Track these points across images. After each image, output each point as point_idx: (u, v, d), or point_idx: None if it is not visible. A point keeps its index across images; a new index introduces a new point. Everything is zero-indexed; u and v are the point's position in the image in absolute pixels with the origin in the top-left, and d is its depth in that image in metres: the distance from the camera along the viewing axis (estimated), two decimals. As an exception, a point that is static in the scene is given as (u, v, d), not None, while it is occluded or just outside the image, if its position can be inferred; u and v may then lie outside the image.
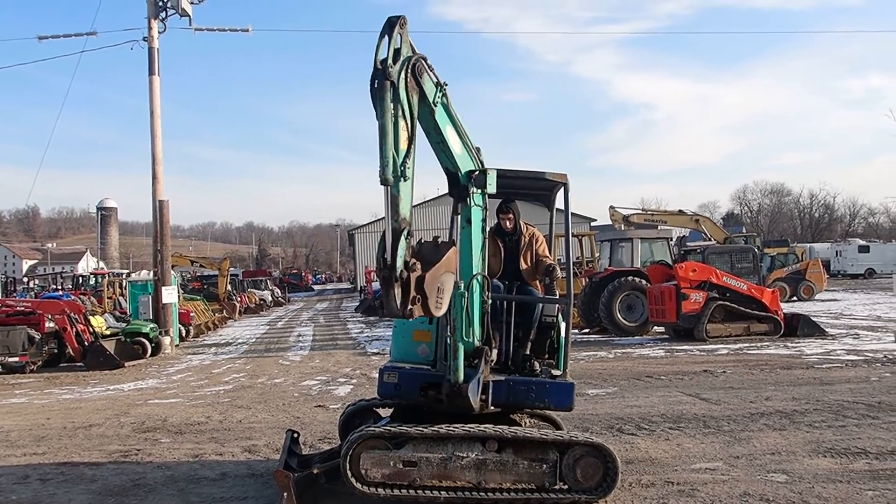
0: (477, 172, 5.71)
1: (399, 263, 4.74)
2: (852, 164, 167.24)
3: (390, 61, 4.80)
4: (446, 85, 5.34)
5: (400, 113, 4.82)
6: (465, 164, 5.70)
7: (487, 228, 5.99)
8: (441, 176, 5.83)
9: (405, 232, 4.82)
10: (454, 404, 5.65)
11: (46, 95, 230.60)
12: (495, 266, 6.58)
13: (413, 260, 4.82)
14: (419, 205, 66.98)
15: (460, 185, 5.73)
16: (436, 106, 5.26)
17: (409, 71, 4.92)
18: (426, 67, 5.11)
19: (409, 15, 4.93)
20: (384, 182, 4.81)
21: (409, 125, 4.92)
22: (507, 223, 6.79)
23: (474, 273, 5.71)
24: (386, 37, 4.86)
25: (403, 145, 4.85)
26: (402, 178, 4.84)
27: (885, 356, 14.11)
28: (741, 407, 9.61)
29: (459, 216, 5.88)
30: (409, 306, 4.78)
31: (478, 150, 5.85)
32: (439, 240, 5.25)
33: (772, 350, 15.87)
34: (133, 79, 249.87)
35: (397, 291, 4.75)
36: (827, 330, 18.55)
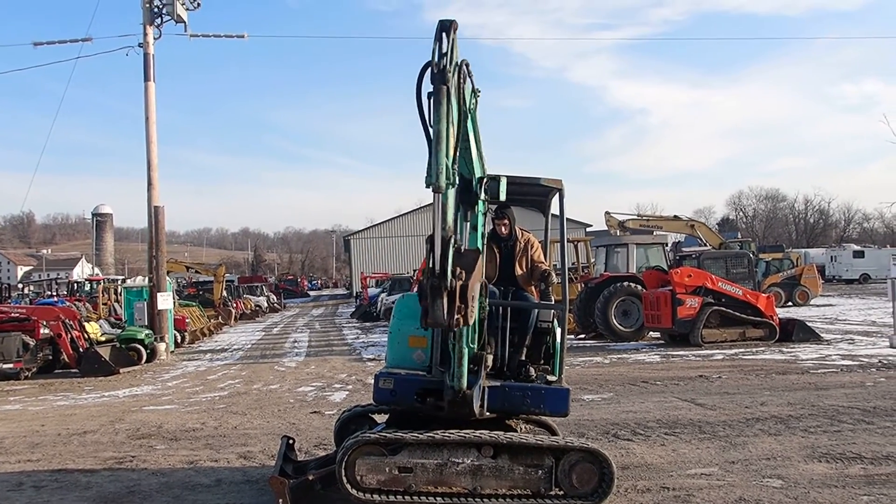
0: (488, 180, 5.72)
1: (448, 272, 4.67)
2: (847, 169, 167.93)
3: (447, 66, 4.73)
4: (479, 92, 5.37)
5: (452, 118, 4.78)
6: (479, 171, 5.71)
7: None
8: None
9: (451, 240, 4.79)
10: (457, 411, 5.65)
11: (42, 101, 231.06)
12: (491, 272, 6.58)
13: (458, 268, 4.76)
14: (415, 210, 67.13)
15: (471, 192, 5.73)
16: (470, 112, 5.25)
17: (461, 76, 4.92)
18: (469, 73, 5.11)
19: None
20: (437, 189, 4.75)
21: (456, 131, 4.89)
22: (503, 229, 6.79)
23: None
24: (438, 41, 4.78)
25: (452, 151, 4.81)
26: (451, 185, 4.83)
27: (880, 361, 14.15)
28: (736, 412, 9.62)
29: (468, 223, 5.87)
30: (456, 316, 4.70)
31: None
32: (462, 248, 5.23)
33: (767, 355, 15.89)
34: (128, 85, 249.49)
35: (446, 301, 4.65)
36: (822, 335, 18.60)
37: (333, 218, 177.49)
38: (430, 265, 4.71)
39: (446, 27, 4.77)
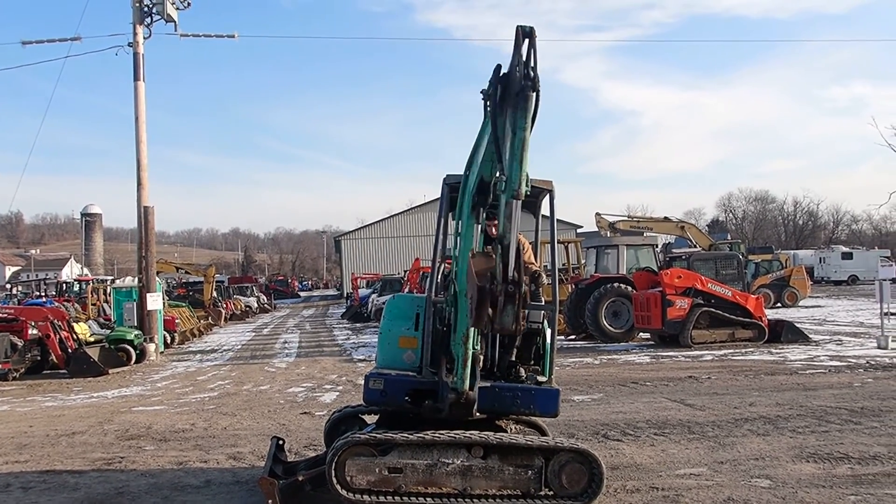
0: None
1: (521, 280, 4.78)
2: (836, 171, 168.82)
3: (534, 72, 4.73)
4: None
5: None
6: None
7: None
8: (426, 182, 5.85)
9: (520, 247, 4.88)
10: (459, 413, 5.68)
11: (30, 100, 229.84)
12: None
13: (524, 276, 4.87)
14: (406, 211, 67.14)
15: (489, 195, 5.72)
16: None
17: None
18: None
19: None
20: (517, 196, 4.80)
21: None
22: (493, 230, 6.80)
23: None
24: (518, 46, 4.78)
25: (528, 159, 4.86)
26: (526, 193, 4.87)
27: (868, 362, 14.24)
28: (725, 413, 9.67)
29: (479, 225, 5.87)
30: (521, 322, 4.79)
31: None
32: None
33: (756, 356, 15.96)
34: (118, 84, 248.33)
35: (514, 307, 4.74)
36: (810, 336, 18.70)
37: (324, 218, 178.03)
38: (503, 272, 4.76)
39: (528, 33, 4.77)
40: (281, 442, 7.09)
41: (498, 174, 4.89)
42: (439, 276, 6.43)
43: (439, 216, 6.26)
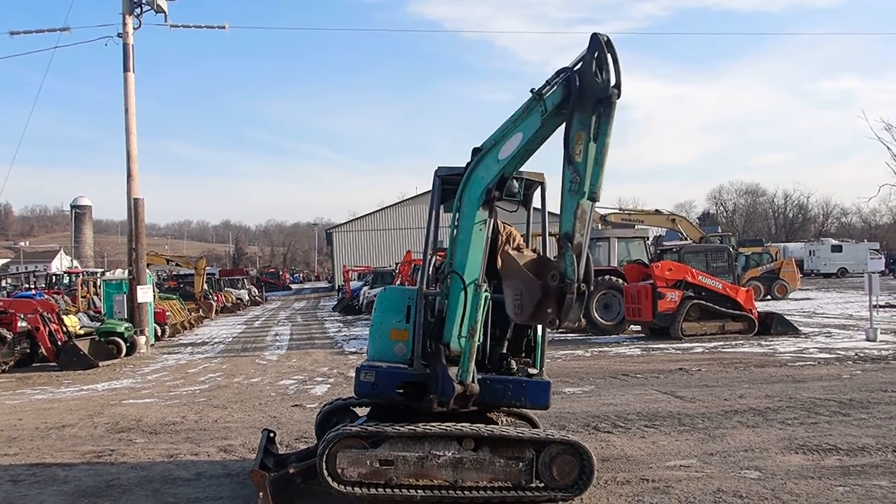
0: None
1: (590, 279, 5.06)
2: (826, 164, 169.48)
3: (619, 80, 4.98)
4: None
5: None
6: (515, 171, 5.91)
7: None
8: (418, 174, 5.87)
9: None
10: (462, 404, 5.72)
11: (19, 91, 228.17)
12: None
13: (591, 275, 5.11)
14: (398, 204, 67.07)
15: (507, 192, 5.93)
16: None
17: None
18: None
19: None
20: (595, 199, 5.05)
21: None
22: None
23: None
24: (594, 52, 5.04)
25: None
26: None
27: (857, 354, 14.32)
28: (715, 404, 9.71)
29: (489, 219, 5.89)
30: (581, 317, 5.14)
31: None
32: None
33: (746, 348, 16.04)
34: (108, 75, 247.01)
35: (581, 305, 5.03)
36: (800, 328, 18.80)
37: (316, 211, 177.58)
38: (578, 271, 4.98)
39: (607, 41, 5.02)
40: (272, 434, 7.08)
41: (570, 175, 5.09)
42: (431, 269, 6.41)
43: (431, 208, 6.24)
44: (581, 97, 5.11)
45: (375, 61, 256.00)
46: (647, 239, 24.53)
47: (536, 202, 6.67)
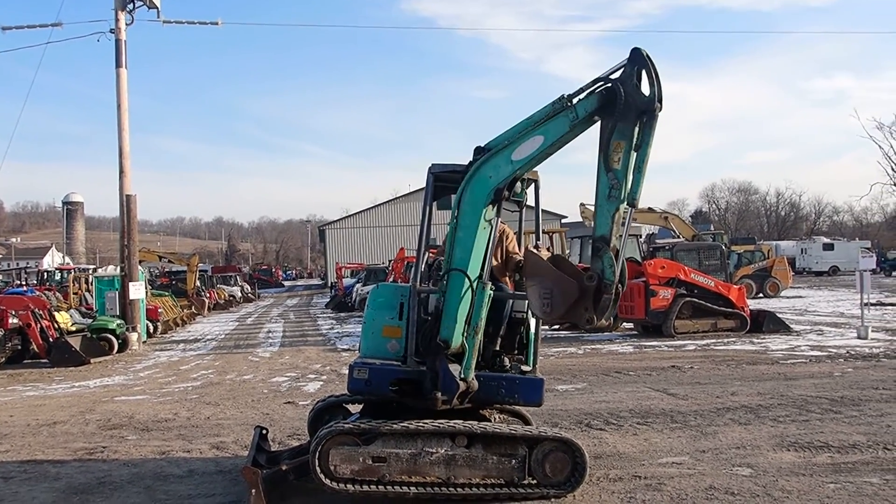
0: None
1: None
2: (818, 163, 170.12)
3: (661, 92, 5.28)
4: None
5: None
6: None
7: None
8: (411, 171, 5.88)
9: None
10: (463, 401, 5.75)
11: (11, 87, 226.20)
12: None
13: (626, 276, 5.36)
14: (391, 201, 67.01)
15: (513, 191, 5.98)
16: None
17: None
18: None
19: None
20: (635, 205, 5.37)
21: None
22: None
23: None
24: (636, 65, 5.33)
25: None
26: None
27: (848, 352, 14.38)
28: (707, 402, 9.74)
29: (496, 219, 5.90)
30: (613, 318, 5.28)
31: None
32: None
33: (738, 346, 16.09)
34: (100, 71, 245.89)
35: (615, 305, 5.31)
36: (792, 326, 18.86)
37: (308, 208, 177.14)
38: (615, 272, 5.23)
39: (647, 56, 5.32)
40: (264, 431, 7.06)
41: (608, 181, 5.36)
42: (424, 266, 6.40)
43: (424, 205, 6.22)
44: (625, 108, 5.30)
45: (369, 58, 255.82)
46: (640, 237, 24.58)
47: (530, 200, 6.67)
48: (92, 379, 14.38)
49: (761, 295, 33.20)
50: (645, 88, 5.31)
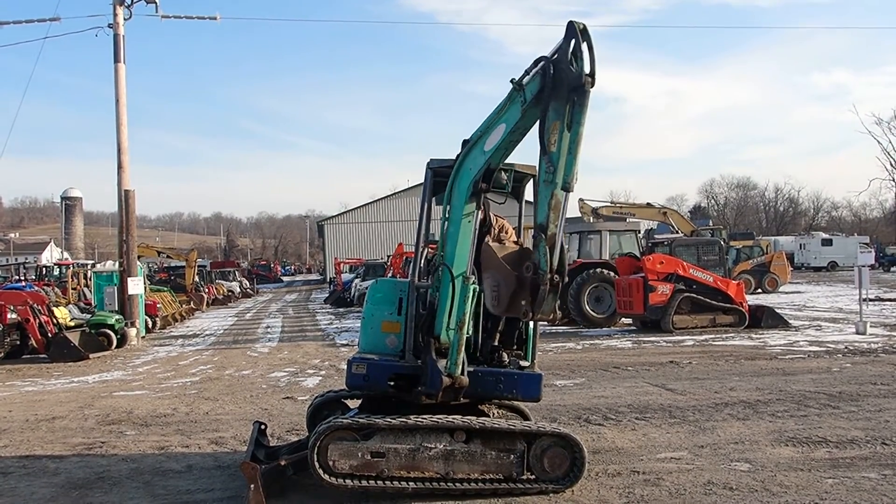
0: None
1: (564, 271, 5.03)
2: (817, 158, 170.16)
3: (594, 69, 4.94)
4: None
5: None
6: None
7: None
8: (410, 167, 5.86)
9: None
10: (451, 397, 5.72)
11: (8, 81, 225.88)
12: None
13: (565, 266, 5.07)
14: (390, 196, 66.96)
15: (496, 184, 5.91)
16: None
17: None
18: None
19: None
20: (569, 189, 5.03)
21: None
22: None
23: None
24: (570, 42, 5.00)
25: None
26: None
27: (846, 347, 14.40)
28: (706, 397, 9.75)
29: (477, 212, 5.87)
30: (557, 310, 5.03)
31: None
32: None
33: (736, 341, 16.10)
34: (99, 66, 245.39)
35: (555, 296, 5.03)
36: (790, 321, 18.88)
37: (307, 203, 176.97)
38: (551, 262, 4.97)
39: (582, 30, 4.97)
40: (263, 426, 7.06)
41: (544, 165, 5.05)
42: (423, 261, 6.41)
43: (423, 201, 6.23)
44: (556, 86, 5.06)
45: (368, 53, 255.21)
46: (639, 232, 24.57)
47: (529, 195, 6.67)
48: (91, 374, 14.37)
49: (760, 290, 33.24)
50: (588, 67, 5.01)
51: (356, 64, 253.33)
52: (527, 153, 5.76)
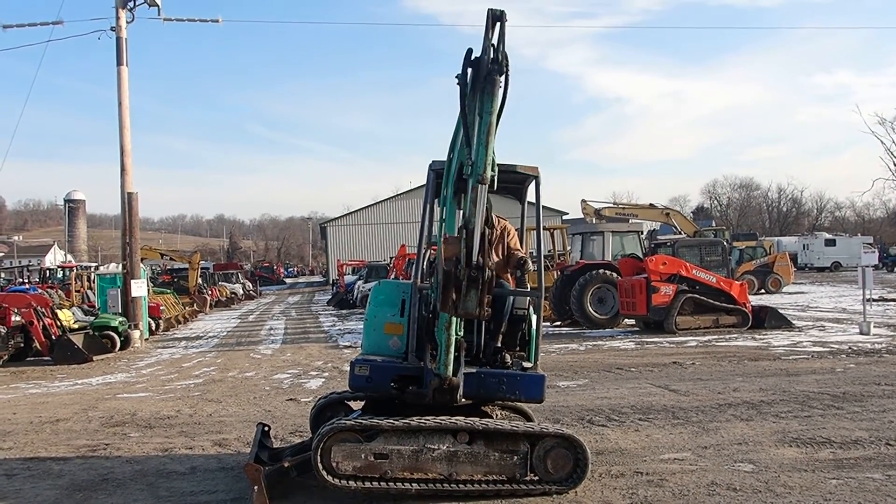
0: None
1: (485, 265, 4.86)
2: (820, 158, 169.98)
3: (502, 56, 4.77)
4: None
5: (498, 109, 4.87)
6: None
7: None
8: (412, 169, 5.85)
9: (485, 233, 4.92)
10: (442, 399, 5.69)
11: (12, 84, 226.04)
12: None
13: (488, 260, 4.92)
14: (392, 198, 66.98)
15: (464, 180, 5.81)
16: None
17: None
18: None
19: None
20: (483, 181, 4.87)
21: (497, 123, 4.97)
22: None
23: None
24: (488, 29, 4.83)
25: (494, 143, 4.89)
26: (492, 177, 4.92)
27: (850, 348, 14.37)
28: (709, 398, 9.74)
29: (460, 210, 5.84)
30: (486, 307, 4.86)
31: None
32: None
33: (740, 342, 16.08)
34: (102, 69, 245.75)
35: (477, 292, 4.86)
36: (793, 322, 18.87)
37: (310, 205, 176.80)
38: (467, 257, 4.82)
39: (498, 16, 4.80)
40: (266, 428, 7.07)
41: (467, 159, 4.92)
42: (425, 263, 6.42)
43: (425, 202, 6.23)
44: (476, 78, 4.99)
45: (371, 55, 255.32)
46: (642, 233, 24.57)
47: (531, 196, 6.67)
48: (94, 376, 14.40)
49: (763, 291, 33.20)
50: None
51: (359, 65, 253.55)
52: (527, 153, 5.73)
